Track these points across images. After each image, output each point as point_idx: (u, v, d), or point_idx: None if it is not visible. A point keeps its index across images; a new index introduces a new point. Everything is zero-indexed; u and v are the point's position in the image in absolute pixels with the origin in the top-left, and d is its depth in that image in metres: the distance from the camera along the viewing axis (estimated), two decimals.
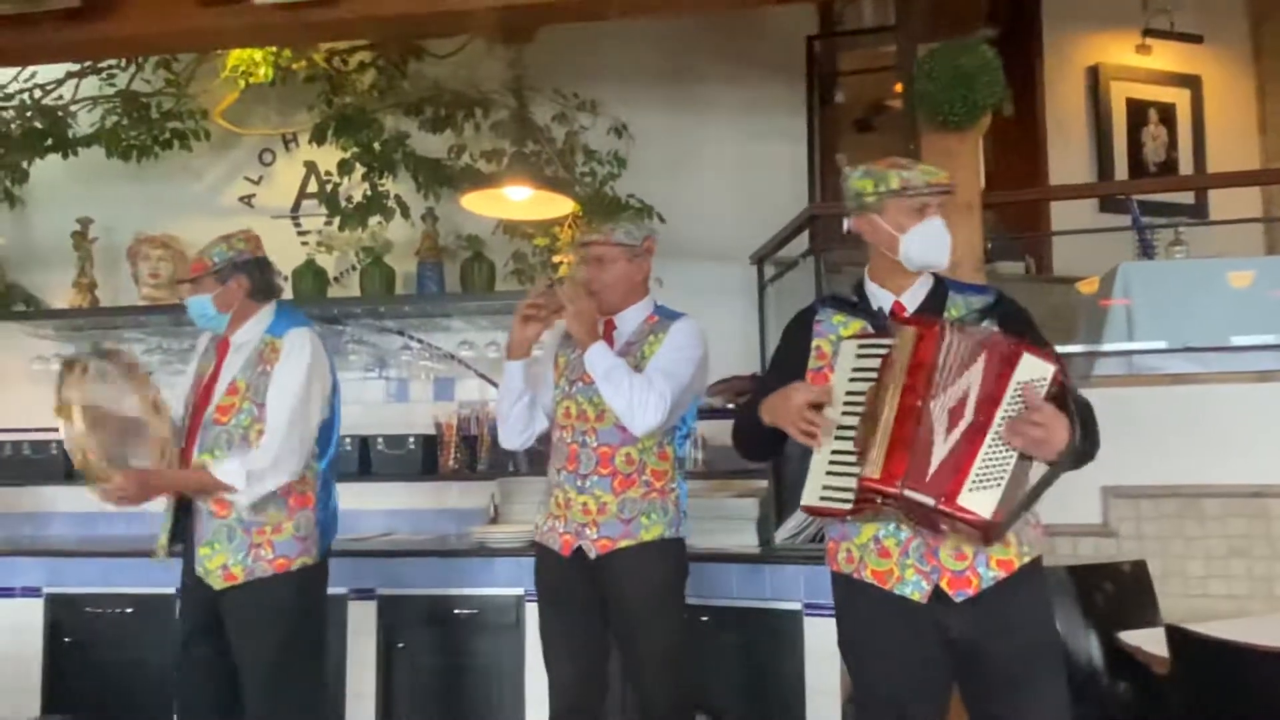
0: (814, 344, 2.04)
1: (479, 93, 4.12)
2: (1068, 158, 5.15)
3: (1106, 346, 3.63)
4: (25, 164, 4.29)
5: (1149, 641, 2.56)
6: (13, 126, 4.22)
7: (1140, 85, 5.30)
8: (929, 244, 1.99)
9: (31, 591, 3.56)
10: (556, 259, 4.00)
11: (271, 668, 2.50)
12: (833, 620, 2.07)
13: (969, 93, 3.04)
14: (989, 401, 1.78)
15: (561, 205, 3.78)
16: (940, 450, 1.78)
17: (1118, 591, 2.97)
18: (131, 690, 3.40)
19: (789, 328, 2.16)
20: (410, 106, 4.12)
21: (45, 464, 4.17)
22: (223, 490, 2.47)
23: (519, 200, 3.72)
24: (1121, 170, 5.23)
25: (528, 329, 2.59)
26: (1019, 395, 1.77)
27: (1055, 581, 2.82)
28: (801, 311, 2.16)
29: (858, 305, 2.06)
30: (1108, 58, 5.30)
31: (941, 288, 2.07)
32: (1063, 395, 1.78)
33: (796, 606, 3.05)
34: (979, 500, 1.75)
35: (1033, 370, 1.78)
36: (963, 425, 1.78)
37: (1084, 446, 1.82)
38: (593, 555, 2.49)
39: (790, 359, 2.09)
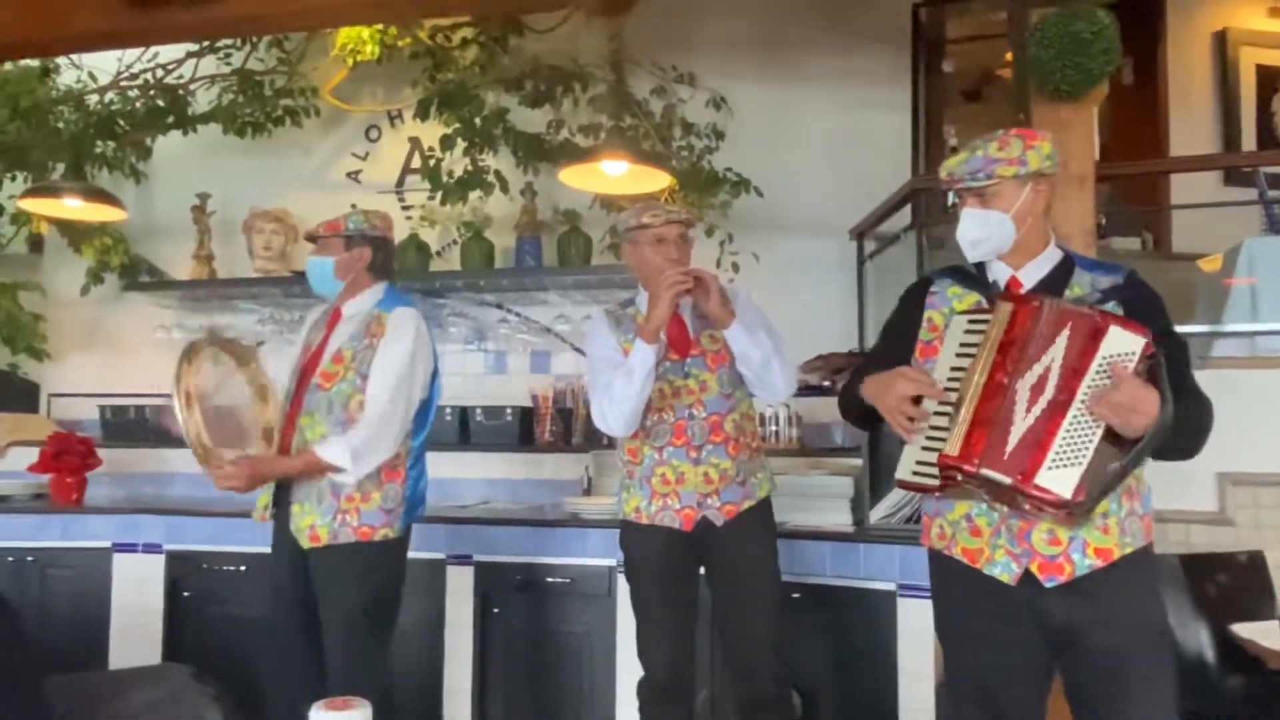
0: (926, 315, 2.00)
1: (577, 67, 4.14)
2: (1191, 128, 4.89)
3: (1228, 327, 3.48)
4: (149, 141, 4.50)
5: (1263, 635, 2.46)
6: (137, 105, 4.42)
7: (1272, 51, 5.00)
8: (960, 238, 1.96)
9: (153, 548, 3.76)
10: None
11: (348, 628, 2.55)
12: (927, 602, 2.05)
13: (1083, 61, 2.92)
14: (1072, 375, 1.71)
15: (658, 179, 3.77)
16: (1019, 427, 1.72)
17: (1232, 582, 2.85)
18: (244, 644, 3.56)
19: (904, 297, 2.12)
20: (510, 82, 4.17)
21: (167, 428, 4.38)
22: (331, 471, 2.52)
23: (616, 175, 3.73)
24: (1249, 141, 4.95)
25: (677, 303, 2.44)
26: (1105, 370, 1.69)
27: (1165, 570, 2.72)
28: (918, 281, 2.12)
29: (974, 278, 2.00)
30: (1237, 22, 5.01)
31: (1068, 264, 1.97)
32: (1155, 371, 1.69)
33: (890, 587, 3.01)
34: (1058, 479, 1.68)
35: (1121, 344, 1.70)
36: (1044, 401, 1.72)
37: (1184, 429, 1.72)
38: (720, 523, 2.50)
39: (898, 329, 2.06)
